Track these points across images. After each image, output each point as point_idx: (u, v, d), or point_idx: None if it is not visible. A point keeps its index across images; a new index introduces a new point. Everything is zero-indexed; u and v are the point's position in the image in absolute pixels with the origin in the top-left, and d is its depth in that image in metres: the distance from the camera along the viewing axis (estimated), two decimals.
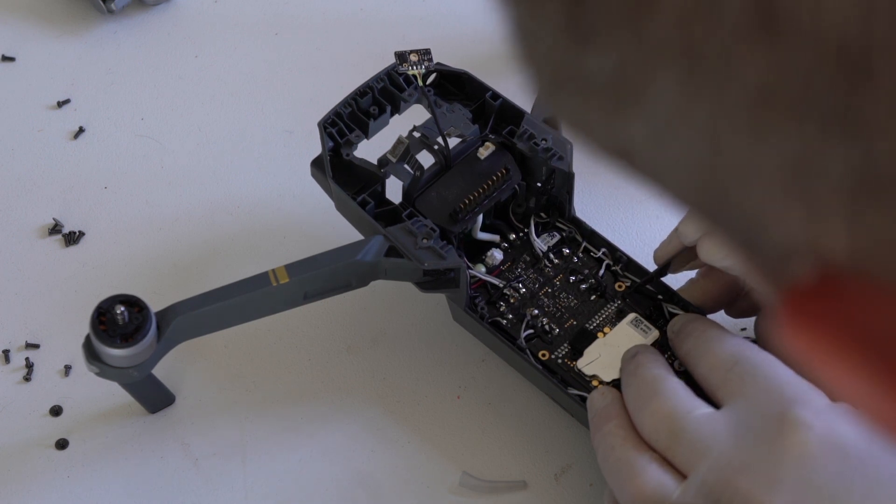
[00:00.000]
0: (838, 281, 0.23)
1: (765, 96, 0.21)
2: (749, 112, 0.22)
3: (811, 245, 0.23)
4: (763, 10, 0.21)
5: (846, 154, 0.21)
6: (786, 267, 0.24)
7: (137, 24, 0.80)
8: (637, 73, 0.23)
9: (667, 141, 0.23)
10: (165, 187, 0.73)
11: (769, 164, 0.22)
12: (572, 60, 0.23)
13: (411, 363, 0.66)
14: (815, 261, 0.23)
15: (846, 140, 0.21)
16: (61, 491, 0.62)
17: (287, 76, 0.77)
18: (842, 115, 0.21)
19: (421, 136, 0.63)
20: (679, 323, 0.59)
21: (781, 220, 0.23)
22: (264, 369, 0.66)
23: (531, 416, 0.64)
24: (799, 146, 0.21)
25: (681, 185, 0.25)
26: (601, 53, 0.23)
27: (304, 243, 0.67)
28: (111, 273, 0.69)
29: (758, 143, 0.22)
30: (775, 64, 0.21)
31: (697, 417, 0.54)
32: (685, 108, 0.22)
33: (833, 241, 0.22)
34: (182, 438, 0.64)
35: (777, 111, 0.21)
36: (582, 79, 0.24)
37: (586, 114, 0.25)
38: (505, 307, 0.63)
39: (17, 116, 0.76)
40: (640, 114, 0.23)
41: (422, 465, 0.62)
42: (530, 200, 0.65)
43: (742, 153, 0.22)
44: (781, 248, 0.23)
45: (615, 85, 0.23)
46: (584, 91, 0.24)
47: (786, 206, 0.22)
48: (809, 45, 0.20)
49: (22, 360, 0.66)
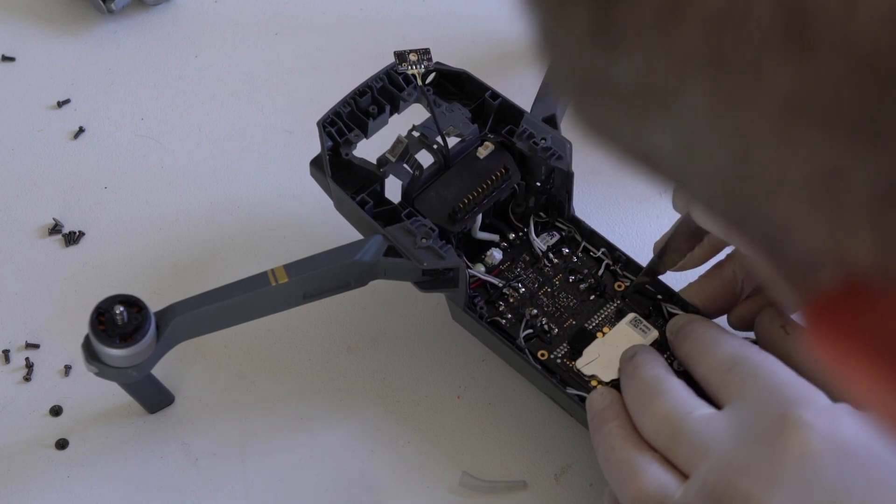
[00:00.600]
0: (865, 291, 0.23)
1: (793, 106, 0.21)
2: (777, 121, 0.21)
3: (838, 255, 0.22)
4: (794, 19, 0.20)
5: (874, 165, 0.21)
6: (812, 276, 0.24)
7: (137, 24, 0.80)
8: (665, 81, 0.22)
9: (694, 148, 0.23)
10: (165, 187, 0.73)
11: (797, 173, 0.22)
12: (599, 67, 0.23)
13: (411, 363, 0.66)
14: (841, 270, 0.23)
15: (874, 151, 0.21)
16: (61, 491, 0.62)
17: (287, 76, 0.77)
18: (871, 125, 0.21)
19: (420, 135, 0.63)
20: (678, 323, 0.59)
21: (808, 229, 0.23)
22: (264, 369, 0.66)
23: (531, 416, 0.63)
24: (827, 156, 0.21)
25: (707, 192, 0.24)
26: (628, 60, 0.23)
27: (304, 243, 0.67)
28: (111, 273, 0.69)
29: (786, 153, 0.22)
30: (805, 73, 0.21)
31: (698, 418, 0.54)
32: (713, 116, 0.22)
33: (860, 251, 0.22)
34: (182, 438, 0.64)
35: (806, 121, 0.21)
36: (609, 85, 0.24)
37: (613, 120, 0.24)
38: (504, 307, 0.63)
39: (17, 116, 0.76)
40: (668, 121, 0.23)
41: (422, 465, 0.62)
42: (529, 200, 0.65)
43: (770, 162, 0.22)
44: (808, 257, 0.23)
45: (642, 92, 0.23)
46: (611, 97, 0.24)
47: (813, 216, 0.22)
48: (840, 55, 0.20)
49: (22, 360, 0.66)
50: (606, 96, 0.24)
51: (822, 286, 0.23)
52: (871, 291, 0.22)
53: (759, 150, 0.22)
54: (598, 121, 0.25)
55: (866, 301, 0.23)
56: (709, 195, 0.25)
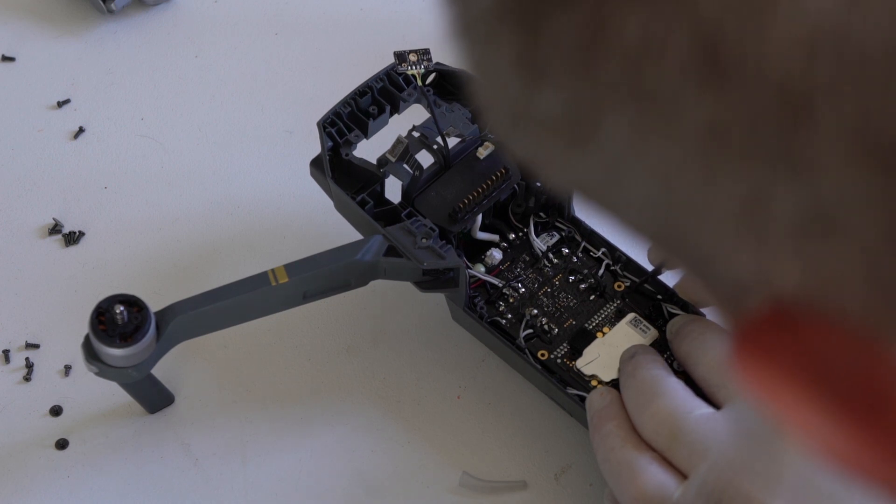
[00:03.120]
0: (790, 315, 0.23)
1: (713, 137, 0.21)
2: (699, 152, 0.22)
3: (763, 280, 0.23)
4: (708, 50, 0.21)
5: (795, 193, 0.21)
6: (742, 300, 0.24)
7: (137, 24, 0.80)
8: (589, 113, 0.23)
9: (622, 179, 0.24)
10: (165, 187, 0.73)
11: (720, 203, 0.22)
12: (525, 97, 0.24)
13: (411, 363, 0.66)
14: (768, 296, 0.23)
15: (794, 180, 0.21)
16: (61, 491, 0.62)
17: (287, 76, 0.77)
18: (788, 155, 0.21)
19: (420, 135, 0.63)
20: (678, 324, 0.59)
21: (735, 256, 0.23)
22: (264, 369, 0.66)
23: (531, 416, 0.64)
24: (749, 186, 0.21)
25: (638, 220, 0.25)
26: (553, 91, 0.23)
27: (304, 243, 0.67)
28: (111, 273, 0.69)
29: (708, 183, 0.22)
30: (722, 104, 0.21)
31: (697, 418, 0.54)
32: (637, 146, 0.23)
33: (784, 277, 0.22)
34: (182, 438, 0.64)
35: (726, 152, 0.21)
36: (535, 116, 0.24)
37: (542, 150, 0.25)
38: (504, 307, 0.63)
39: (17, 116, 0.76)
40: (595, 152, 0.23)
41: (422, 465, 0.62)
42: (529, 200, 0.65)
43: (693, 192, 0.22)
44: (737, 282, 0.24)
45: (568, 124, 0.23)
46: (537, 128, 0.24)
47: (738, 244, 0.23)
48: (754, 83, 0.20)
49: (22, 360, 0.66)
50: (533, 127, 0.24)
51: (751, 311, 0.23)
52: (796, 316, 0.23)
53: (683, 180, 0.22)
54: (527, 151, 0.25)
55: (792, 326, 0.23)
56: (640, 224, 0.25)
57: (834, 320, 0.22)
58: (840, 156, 0.20)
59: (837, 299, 0.22)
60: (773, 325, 0.23)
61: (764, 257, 0.22)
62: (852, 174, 0.20)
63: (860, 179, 0.20)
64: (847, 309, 0.22)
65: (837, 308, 0.22)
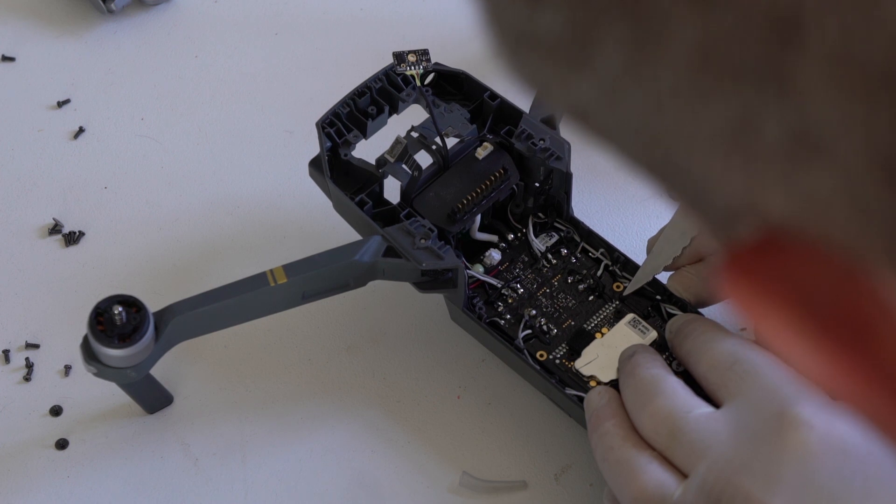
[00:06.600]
0: (778, 241, 0.23)
1: (703, 57, 0.22)
2: (689, 72, 0.22)
3: (752, 206, 0.23)
4: None
5: (781, 115, 0.21)
6: (733, 227, 0.24)
7: (137, 24, 0.80)
8: (585, 33, 0.23)
9: (616, 101, 0.24)
10: (165, 187, 0.73)
11: (709, 125, 0.22)
12: (527, 19, 0.24)
13: (411, 363, 0.66)
14: (757, 221, 0.23)
15: (781, 102, 0.21)
16: (61, 491, 0.62)
17: (287, 76, 0.77)
18: (776, 77, 0.21)
19: (419, 136, 0.63)
20: (678, 323, 0.59)
21: (724, 181, 0.23)
22: (264, 369, 0.66)
23: (531, 417, 0.64)
24: (737, 108, 0.22)
25: (631, 145, 0.25)
26: (553, 11, 0.23)
27: (303, 243, 0.67)
28: (111, 273, 0.69)
29: (698, 105, 0.22)
30: (712, 24, 0.21)
31: (697, 417, 0.54)
32: (630, 67, 0.23)
33: (770, 201, 0.23)
34: (182, 438, 0.64)
35: (715, 72, 0.22)
36: (535, 37, 0.24)
37: (542, 73, 0.25)
38: (503, 307, 0.63)
39: (17, 116, 0.76)
40: (592, 73, 0.24)
41: (422, 465, 0.62)
42: (528, 200, 0.65)
43: (684, 114, 0.23)
44: (727, 208, 0.24)
45: (566, 43, 0.24)
46: (538, 49, 0.24)
47: (726, 168, 0.23)
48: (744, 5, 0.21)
49: (22, 360, 0.66)
50: (534, 48, 0.24)
51: (742, 236, 0.24)
52: (782, 242, 0.23)
53: (673, 102, 0.23)
54: (528, 73, 0.26)
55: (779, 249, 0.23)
56: (632, 148, 0.25)
57: (819, 246, 0.22)
58: (825, 79, 0.20)
59: (821, 225, 0.22)
60: (762, 251, 0.23)
61: (752, 181, 0.23)
62: (836, 98, 0.20)
63: (844, 103, 0.20)
64: (831, 235, 0.22)
65: (822, 234, 0.22)
